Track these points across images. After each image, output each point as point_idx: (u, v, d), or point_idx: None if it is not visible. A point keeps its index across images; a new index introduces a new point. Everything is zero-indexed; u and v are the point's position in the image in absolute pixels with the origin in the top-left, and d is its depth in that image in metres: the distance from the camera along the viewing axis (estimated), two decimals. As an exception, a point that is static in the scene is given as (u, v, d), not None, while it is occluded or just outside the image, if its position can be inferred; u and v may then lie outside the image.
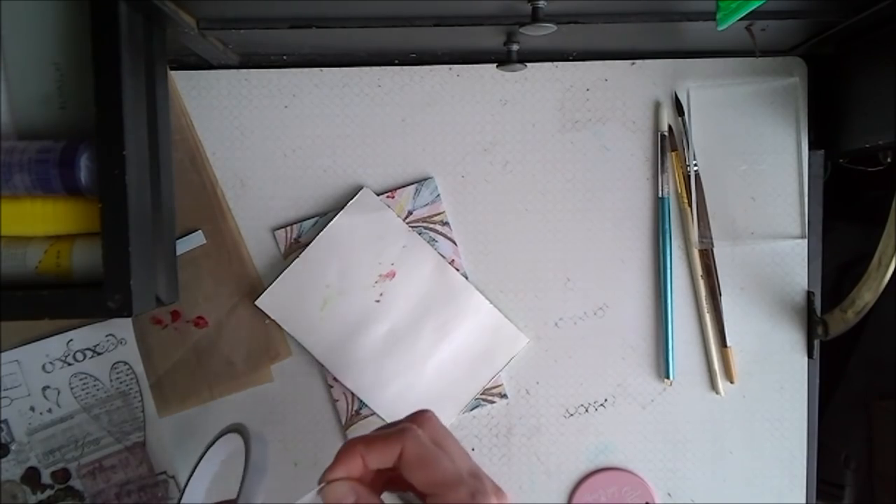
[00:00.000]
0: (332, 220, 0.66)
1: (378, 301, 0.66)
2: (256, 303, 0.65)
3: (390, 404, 0.67)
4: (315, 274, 0.66)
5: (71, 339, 0.65)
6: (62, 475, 0.66)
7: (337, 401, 0.67)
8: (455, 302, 0.66)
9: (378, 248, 0.66)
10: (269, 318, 0.66)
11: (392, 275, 0.66)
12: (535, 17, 0.52)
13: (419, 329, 0.66)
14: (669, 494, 0.68)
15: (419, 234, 0.66)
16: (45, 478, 0.66)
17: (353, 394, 0.67)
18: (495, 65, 0.64)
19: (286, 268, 0.66)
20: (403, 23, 0.57)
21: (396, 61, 0.66)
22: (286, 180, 0.66)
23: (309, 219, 0.66)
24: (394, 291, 0.66)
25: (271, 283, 0.66)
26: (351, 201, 0.66)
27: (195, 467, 0.59)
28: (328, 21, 0.57)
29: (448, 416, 0.67)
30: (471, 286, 0.66)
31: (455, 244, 0.67)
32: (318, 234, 0.66)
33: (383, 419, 0.67)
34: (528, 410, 0.68)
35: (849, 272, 0.72)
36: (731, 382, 0.67)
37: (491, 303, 0.67)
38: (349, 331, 0.66)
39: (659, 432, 0.68)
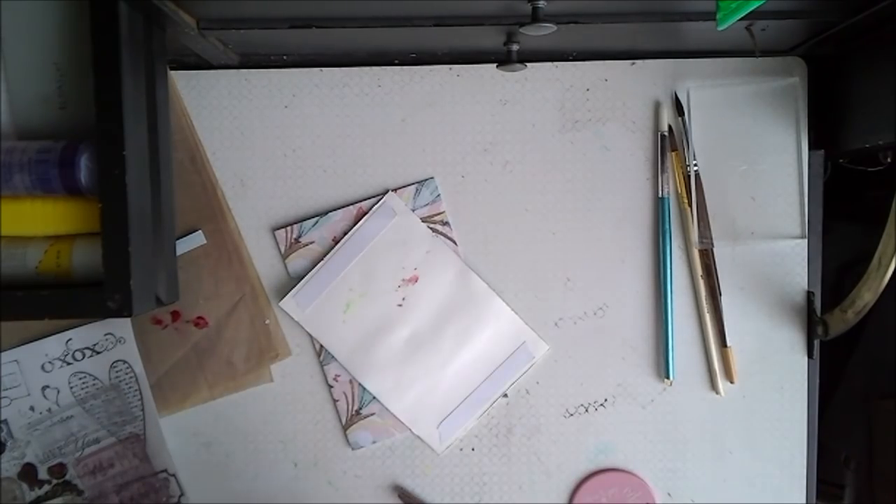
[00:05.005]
0: (335, 219, 0.66)
1: (400, 305, 0.66)
2: (280, 304, 0.66)
3: (411, 408, 0.67)
4: (339, 277, 0.66)
5: (70, 339, 0.65)
6: (59, 470, 0.66)
7: (337, 401, 0.67)
8: (476, 308, 0.66)
9: (402, 253, 0.66)
10: (269, 317, 0.66)
11: (415, 279, 0.66)
12: (535, 17, 0.52)
13: (440, 334, 0.66)
14: (669, 494, 0.68)
15: (419, 234, 0.67)
16: (42, 473, 0.66)
17: (353, 394, 0.67)
18: (495, 65, 0.64)
19: (311, 271, 0.66)
20: (403, 23, 0.57)
21: (396, 61, 0.66)
22: (286, 180, 0.66)
23: (309, 219, 0.66)
24: (416, 296, 0.66)
25: (296, 285, 0.66)
26: (376, 206, 0.66)
27: None
28: (328, 21, 0.57)
29: (467, 422, 0.67)
30: (492, 292, 0.67)
31: (455, 244, 0.67)
32: (321, 234, 0.66)
33: (402, 422, 0.67)
34: (528, 410, 0.68)
35: (849, 272, 0.72)
36: (731, 382, 0.67)
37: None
38: (371, 334, 0.66)
39: (659, 432, 0.68)
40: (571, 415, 0.68)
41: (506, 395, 0.68)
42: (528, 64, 0.63)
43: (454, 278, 0.67)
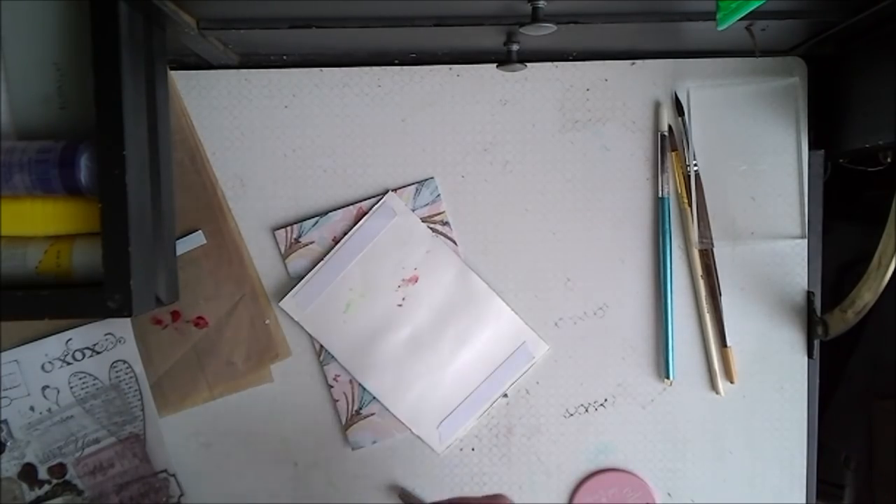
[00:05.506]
0: (335, 219, 0.66)
1: (400, 305, 0.66)
2: (280, 304, 0.66)
3: (411, 408, 0.67)
4: (339, 277, 0.66)
5: (70, 339, 0.65)
6: (58, 470, 0.66)
7: (337, 401, 0.67)
8: (476, 308, 0.67)
9: (402, 253, 0.66)
10: (269, 317, 0.66)
11: (415, 279, 0.66)
12: (535, 17, 0.52)
13: (441, 334, 0.67)
14: (669, 494, 0.68)
15: (419, 234, 0.67)
16: (42, 473, 0.66)
17: (353, 394, 0.67)
18: (495, 65, 0.64)
19: (311, 270, 0.66)
20: (403, 23, 0.57)
21: (396, 61, 0.66)
22: (286, 180, 0.66)
23: (309, 219, 0.66)
24: (416, 296, 0.66)
25: (296, 285, 0.66)
26: (377, 206, 0.66)
27: None
28: (328, 21, 0.57)
29: (467, 422, 0.67)
30: (492, 292, 0.67)
31: (455, 244, 0.67)
32: (321, 234, 0.66)
33: (402, 422, 0.67)
34: (528, 410, 0.68)
35: (849, 272, 0.72)
36: (731, 382, 0.67)
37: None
38: (371, 334, 0.66)
39: (659, 432, 0.68)
40: (571, 415, 0.68)
41: (506, 395, 0.68)
42: (528, 64, 0.63)
43: (454, 278, 0.67)
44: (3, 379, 0.64)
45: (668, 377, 0.67)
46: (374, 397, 0.67)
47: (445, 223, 0.67)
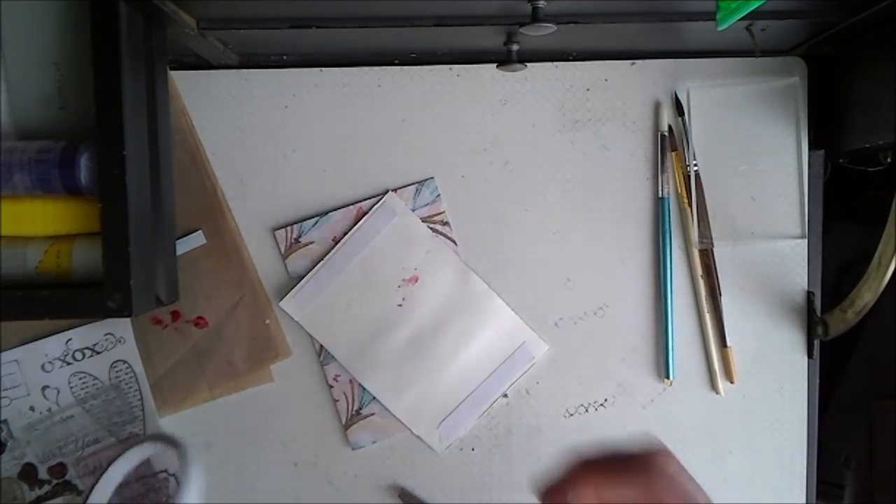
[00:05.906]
0: (335, 219, 0.66)
1: (400, 305, 0.66)
2: (280, 304, 0.66)
3: (410, 408, 0.67)
4: (339, 277, 0.66)
5: (70, 339, 0.65)
6: (58, 470, 0.66)
7: (337, 401, 0.67)
8: (477, 308, 0.67)
9: (402, 253, 0.66)
10: (269, 317, 0.66)
11: (415, 280, 0.66)
12: (535, 17, 0.52)
13: (441, 334, 0.67)
14: (669, 494, 0.68)
15: (419, 234, 0.67)
16: (42, 473, 0.66)
17: (353, 394, 0.67)
18: (495, 65, 0.64)
19: (311, 270, 0.66)
20: (403, 23, 0.57)
21: (396, 61, 0.66)
22: (286, 180, 0.66)
23: (309, 219, 0.66)
24: (416, 296, 0.66)
25: (296, 285, 0.66)
26: (377, 206, 0.66)
27: (102, 473, 0.55)
28: (328, 21, 0.57)
29: (467, 422, 0.67)
30: (492, 293, 0.67)
31: (455, 244, 0.67)
32: (321, 234, 0.66)
33: (402, 422, 0.67)
34: (528, 410, 0.68)
35: (849, 272, 0.72)
36: (731, 382, 0.67)
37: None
38: (371, 334, 0.66)
39: (659, 432, 0.68)
40: (571, 415, 0.68)
41: (506, 395, 0.68)
42: (528, 64, 0.63)
43: (454, 278, 0.67)
44: (3, 379, 0.64)
45: (668, 377, 0.67)
46: (374, 397, 0.67)
47: (445, 223, 0.67)
